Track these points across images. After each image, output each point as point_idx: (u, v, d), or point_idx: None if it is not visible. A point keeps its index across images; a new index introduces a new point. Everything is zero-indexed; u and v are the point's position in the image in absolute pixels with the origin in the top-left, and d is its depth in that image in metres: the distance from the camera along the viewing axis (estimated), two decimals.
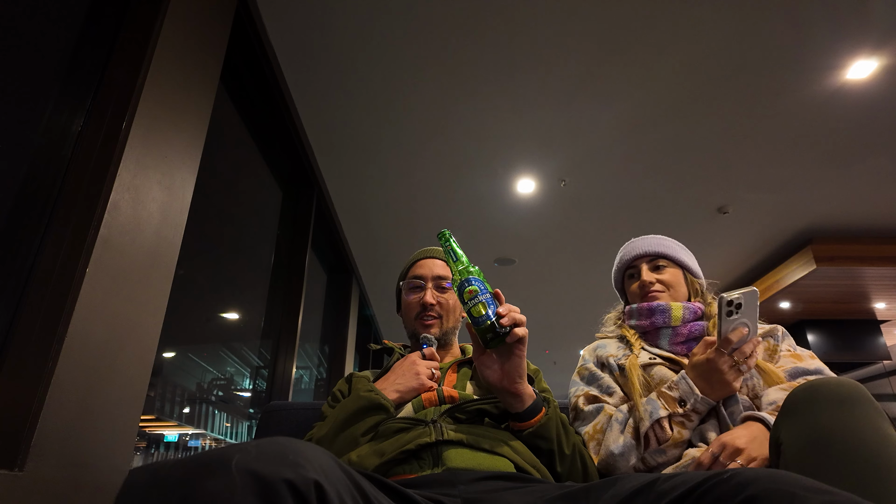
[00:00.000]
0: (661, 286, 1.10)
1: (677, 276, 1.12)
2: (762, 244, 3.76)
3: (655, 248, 1.14)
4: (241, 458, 0.37)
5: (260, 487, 0.36)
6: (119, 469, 1.01)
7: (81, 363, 0.91)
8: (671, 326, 1.05)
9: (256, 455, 0.38)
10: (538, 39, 2.03)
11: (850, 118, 2.44)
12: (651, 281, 1.10)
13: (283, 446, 0.40)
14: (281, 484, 0.36)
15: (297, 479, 0.37)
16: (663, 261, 1.13)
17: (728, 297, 0.84)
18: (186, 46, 1.30)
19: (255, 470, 0.36)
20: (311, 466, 0.39)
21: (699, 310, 1.07)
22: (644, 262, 1.14)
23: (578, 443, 0.92)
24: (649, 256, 1.14)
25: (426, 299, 1.06)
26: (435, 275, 1.10)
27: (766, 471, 0.43)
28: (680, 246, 1.16)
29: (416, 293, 1.09)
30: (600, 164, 2.84)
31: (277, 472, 0.37)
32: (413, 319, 1.08)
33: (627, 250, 1.18)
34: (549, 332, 5.92)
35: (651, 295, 1.09)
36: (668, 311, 1.05)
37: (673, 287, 1.10)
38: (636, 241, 1.19)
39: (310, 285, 2.75)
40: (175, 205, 1.24)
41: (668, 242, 1.16)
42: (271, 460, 0.38)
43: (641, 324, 1.08)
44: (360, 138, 2.61)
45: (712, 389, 0.87)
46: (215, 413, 2.88)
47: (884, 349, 4.61)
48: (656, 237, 1.17)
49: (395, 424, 0.84)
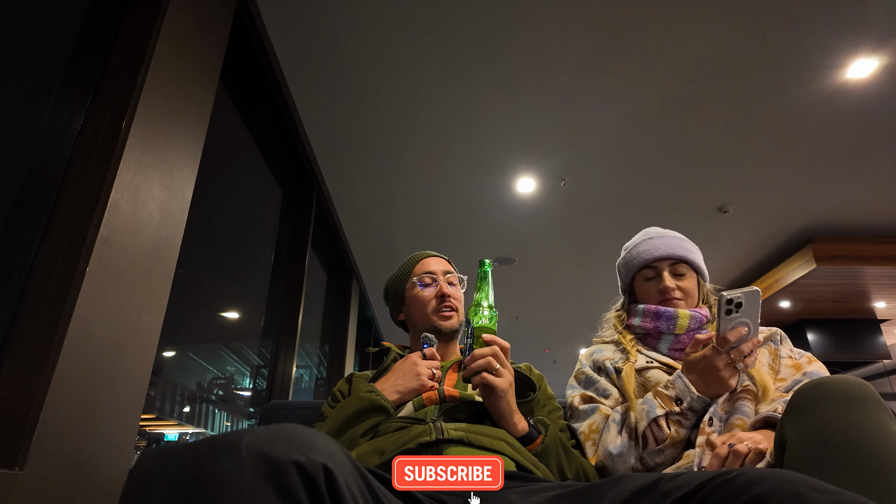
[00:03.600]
0: (681, 293, 1.06)
1: (694, 283, 1.09)
2: (762, 243, 3.76)
3: (679, 251, 1.08)
4: (251, 440, 0.37)
5: (269, 468, 0.36)
6: (119, 468, 1.01)
7: (81, 363, 0.91)
8: (674, 334, 1.04)
9: (266, 438, 0.38)
10: (538, 38, 2.03)
11: (851, 117, 2.44)
12: (673, 287, 1.05)
13: (292, 431, 0.40)
14: (290, 465, 0.36)
15: (305, 461, 0.37)
16: (684, 266, 1.08)
17: (728, 296, 0.84)
18: (186, 46, 1.29)
19: (265, 451, 0.37)
20: (320, 451, 0.39)
21: (704, 318, 1.05)
22: (667, 265, 1.08)
23: (582, 467, 0.91)
24: (672, 260, 1.08)
25: (444, 290, 1.07)
26: (444, 270, 1.12)
27: (772, 470, 0.42)
28: (695, 247, 1.13)
29: (429, 288, 1.10)
30: (600, 163, 2.84)
31: (287, 454, 0.37)
32: (430, 313, 1.08)
33: (647, 248, 1.10)
34: (549, 331, 5.92)
35: (672, 301, 1.05)
36: (675, 319, 1.03)
37: (690, 296, 1.07)
38: (656, 238, 1.11)
39: (310, 285, 2.74)
40: (175, 204, 1.23)
41: (688, 245, 1.11)
42: (281, 443, 0.38)
43: (645, 325, 1.06)
44: (361, 138, 2.60)
45: (708, 387, 0.87)
46: (215, 412, 2.88)
47: (884, 348, 4.61)
48: (675, 236, 1.12)
49: (395, 423, 0.84)
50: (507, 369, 0.86)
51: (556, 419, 1.01)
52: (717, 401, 0.88)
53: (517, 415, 0.87)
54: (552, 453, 0.86)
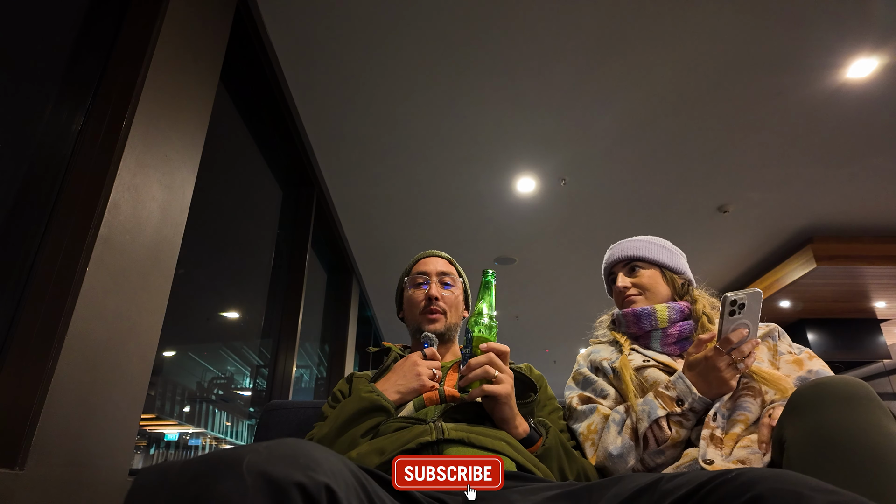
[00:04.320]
0: (635, 290, 1.11)
1: (654, 277, 1.11)
2: (762, 243, 3.76)
3: (628, 251, 1.14)
4: (252, 459, 0.37)
5: (271, 490, 0.35)
6: (119, 468, 1.01)
7: (81, 363, 0.91)
8: (659, 329, 1.05)
9: (267, 457, 0.37)
10: (538, 38, 2.03)
11: (851, 117, 2.44)
12: (625, 286, 1.11)
13: (294, 449, 0.40)
14: (292, 487, 0.36)
15: (308, 482, 0.36)
16: (639, 263, 1.13)
17: (732, 297, 0.84)
18: (186, 46, 1.29)
19: (267, 472, 0.36)
20: (322, 470, 0.38)
21: (685, 308, 1.06)
22: (619, 267, 1.15)
23: (583, 468, 0.92)
24: (623, 261, 1.15)
25: (431, 292, 1.07)
26: (438, 271, 1.11)
27: (772, 470, 0.42)
28: (659, 245, 1.15)
29: (419, 288, 1.10)
30: (601, 163, 2.84)
31: (289, 475, 0.36)
32: (418, 314, 1.08)
33: (606, 258, 1.20)
34: (549, 331, 5.92)
35: (627, 300, 1.10)
36: (654, 314, 1.05)
37: (649, 289, 1.10)
38: (613, 247, 1.20)
39: (310, 285, 2.75)
40: (175, 204, 1.23)
41: (642, 244, 1.15)
42: (282, 463, 0.37)
43: (630, 329, 1.09)
44: (361, 138, 2.60)
45: (709, 388, 0.87)
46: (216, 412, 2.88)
47: (884, 348, 4.61)
48: (633, 240, 1.18)
49: (396, 423, 0.84)
50: (507, 373, 0.86)
51: (557, 420, 1.01)
52: (720, 398, 0.88)
53: (518, 418, 0.87)
54: (553, 455, 0.87)
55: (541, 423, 0.91)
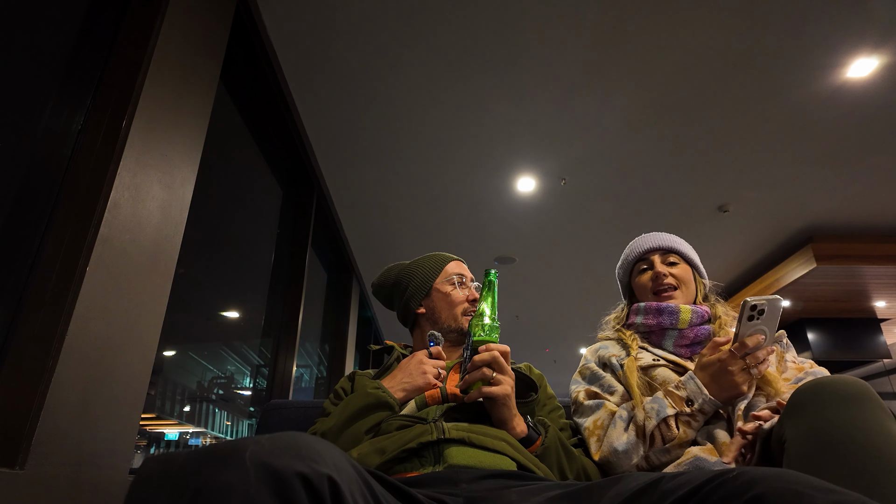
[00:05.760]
0: (673, 279, 1.09)
1: (689, 274, 1.12)
2: (762, 242, 3.76)
3: (668, 242, 1.14)
4: (255, 450, 0.37)
5: (273, 480, 0.35)
6: (120, 468, 1.01)
7: (81, 362, 0.91)
8: (678, 329, 1.04)
9: (270, 448, 0.38)
10: (538, 37, 2.03)
11: (851, 117, 2.44)
12: (665, 273, 1.09)
13: (296, 440, 0.40)
14: (294, 477, 0.36)
15: (310, 473, 0.37)
16: (675, 256, 1.13)
17: (752, 302, 0.84)
18: (186, 46, 1.29)
19: (269, 462, 0.36)
20: (325, 462, 0.38)
21: (706, 313, 1.05)
22: (657, 255, 1.13)
23: (583, 467, 0.91)
24: (662, 250, 1.13)
25: (475, 295, 1.12)
26: (470, 277, 1.18)
27: (773, 469, 0.42)
28: (689, 245, 1.17)
29: (462, 289, 1.13)
30: (601, 162, 2.84)
31: (291, 466, 0.36)
32: (459, 314, 1.11)
33: (638, 244, 1.17)
34: (549, 330, 5.92)
35: (664, 285, 1.09)
36: (677, 314, 1.03)
37: (685, 284, 1.10)
38: (647, 235, 1.18)
39: (310, 285, 2.74)
40: (175, 203, 1.23)
41: (678, 239, 1.16)
42: (285, 454, 0.37)
43: (648, 322, 1.06)
44: (361, 137, 2.60)
45: (721, 390, 0.86)
46: (216, 411, 2.87)
47: (884, 348, 4.61)
48: (666, 234, 1.17)
49: (397, 422, 0.84)
50: (508, 374, 0.86)
51: (557, 419, 1.01)
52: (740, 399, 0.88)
53: (517, 418, 0.87)
54: (552, 454, 0.87)
55: (540, 422, 0.91)
